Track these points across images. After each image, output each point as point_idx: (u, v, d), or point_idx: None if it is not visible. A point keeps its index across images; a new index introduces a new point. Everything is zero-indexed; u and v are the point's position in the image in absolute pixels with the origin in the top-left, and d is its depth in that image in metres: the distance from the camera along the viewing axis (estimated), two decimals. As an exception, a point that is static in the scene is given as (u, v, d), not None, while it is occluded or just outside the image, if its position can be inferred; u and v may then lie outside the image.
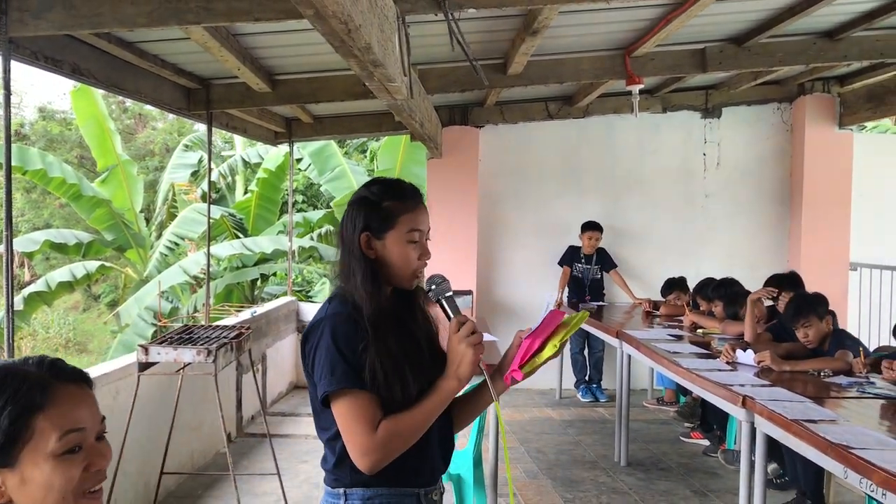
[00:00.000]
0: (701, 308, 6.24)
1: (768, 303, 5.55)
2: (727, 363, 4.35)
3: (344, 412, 1.80)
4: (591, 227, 7.71)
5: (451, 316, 1.91)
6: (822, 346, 4.35)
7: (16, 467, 1.19)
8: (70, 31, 3.62)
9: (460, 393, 1.93)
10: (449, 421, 2.00)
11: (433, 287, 1.94)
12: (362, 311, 1.86)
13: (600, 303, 7.74)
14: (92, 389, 1.30)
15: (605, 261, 7.80)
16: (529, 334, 1.88)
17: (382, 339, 1.85)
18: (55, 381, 1.23)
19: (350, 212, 1.95)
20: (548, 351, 1.85)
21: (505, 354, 1.97)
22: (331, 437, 1.88)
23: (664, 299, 6.91)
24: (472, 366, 1.83)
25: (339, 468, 1.89)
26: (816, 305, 4.38)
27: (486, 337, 4.56)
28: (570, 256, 7.82)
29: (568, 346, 7.74)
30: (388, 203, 1.92)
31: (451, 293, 1.94)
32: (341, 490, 1.90)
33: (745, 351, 4.35)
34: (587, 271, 7.78)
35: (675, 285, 6.87)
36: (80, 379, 1.28)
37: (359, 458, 1.79)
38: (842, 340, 4.32)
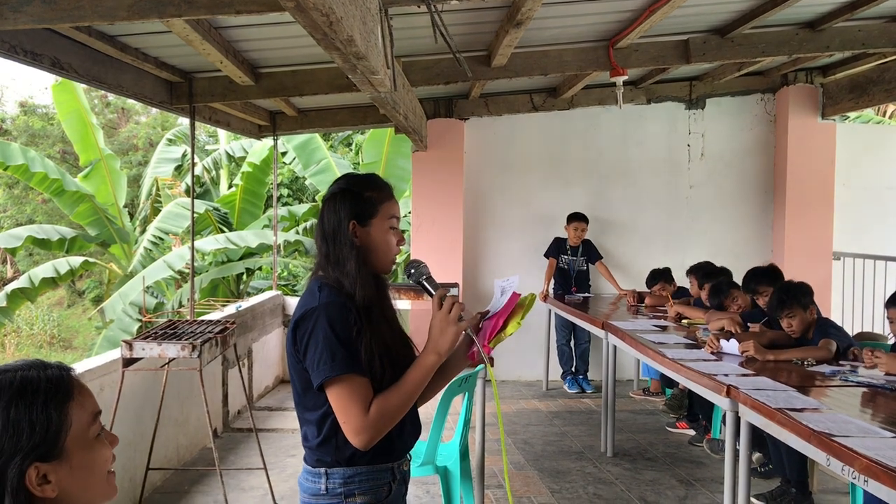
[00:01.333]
0: (691, 290, 6.30)
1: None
2: (711, 353, 4.38)
3: (340, 395, 1.90)
4: (576, 218, 7.73)
5: (433, 294, 2.02)
6: (807, 336, 4.38)
7: (63, 458, 1.25)
8: (50, 25, 3.58)
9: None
10: None
11: (412, 271, 2.08)
12: (353, 297, 1.96)
13: (586, 294, 7.76)
14: None
15: (590, 252, 7.82)
16: (492, 315, 2.03)
17: (375, 325, 1.98)
18: (64, 373, 1.31)
19: (332, 205, 2.06)
20: (512, 328, 2.00)
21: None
22: (319, 417, 1.98)
23: (649, 290, 6.94)
24: (452, 341, 1.94)
25: (323, 447, 1.98)
26: (800, 296, 4.40)
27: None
28: (556, 248, 7.84)
29: (554, 337, 7.83)
30: (369, 193, 2.06)
31: (428, 274, 2.08)
32: (322, 469, 2.00)
33: (728, 340, 4.38)
34: (573, 263, 7.79)
35: (659, 276, 6.89)
36: (71, 369, 1.35)
37: (353, 437, 1.90)
38: (826, 329, 4.35)
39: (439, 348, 1.94)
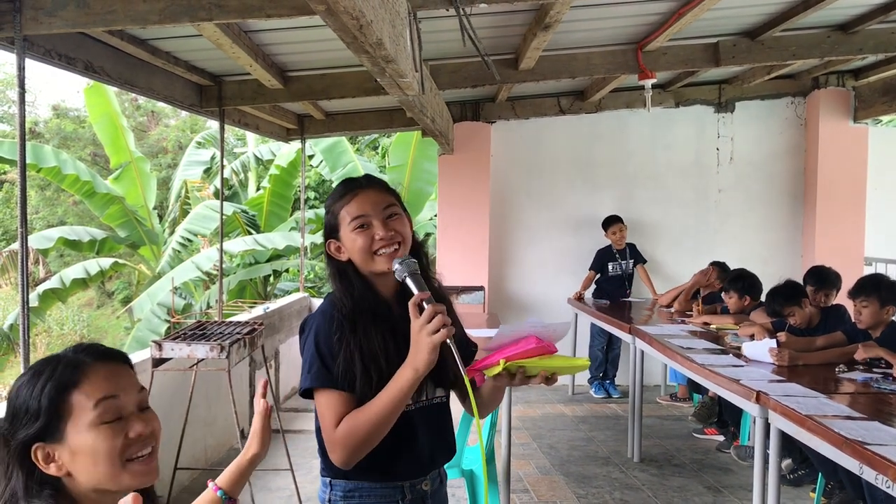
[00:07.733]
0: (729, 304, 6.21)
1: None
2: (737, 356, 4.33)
3: (318, 407, 1.89)
4: (613, 221, 7.62)
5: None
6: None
7: (64, 442, 1.31)
8: (83, 29, 3.63)
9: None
10: (444, 412, 2.05)
11: (398, 266, 1.85)
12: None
13: (632, 299, 7.65)
14: (129, 366, 1.45)
15: (636, 255, 7.75)
16: (505, 344, 1.79)
17: (361, 335, 1.88)
18: (89, 359, 1.36)
19: None
20: (547, 363, 1.80)
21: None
22: (317, 426, 1.96)
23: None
24: (429, 355, 1.72)
25: (325, 458, 1.96)
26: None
27: (487, 332, 4.55)
28: (601, 260, 7.71)
29: (587, 342, 7.64)
30: (332, 205, 1.99)
31: (416, 272, 1.84)
32: (328, 479, 2.00)
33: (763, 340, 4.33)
34: (624, 266, 7.71)
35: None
36: (116, 356, 1.42)
37: (329, 454, 1.87)
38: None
39: (416, 363, 1.75)
